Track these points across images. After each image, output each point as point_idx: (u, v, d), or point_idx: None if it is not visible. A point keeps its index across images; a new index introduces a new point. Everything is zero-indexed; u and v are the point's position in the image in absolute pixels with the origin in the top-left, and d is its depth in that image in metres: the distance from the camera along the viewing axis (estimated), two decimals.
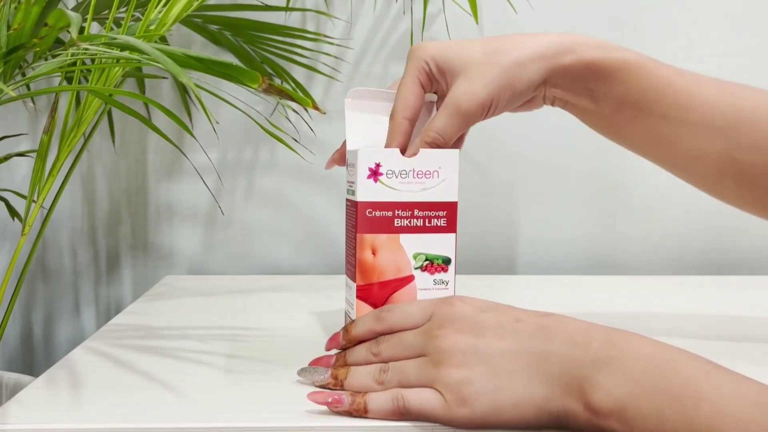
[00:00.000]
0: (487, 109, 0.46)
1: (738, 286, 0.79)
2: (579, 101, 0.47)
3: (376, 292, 0.46)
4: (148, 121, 0.55)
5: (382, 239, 0.46)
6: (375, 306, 0.46)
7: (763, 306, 0.68)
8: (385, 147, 0.47)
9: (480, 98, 0.45)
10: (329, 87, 0.86)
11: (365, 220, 0.45)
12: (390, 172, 0.46)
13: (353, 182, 0.47)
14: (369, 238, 0.45)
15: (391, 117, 0.47)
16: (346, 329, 0.45)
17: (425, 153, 0.46)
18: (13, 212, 0.71)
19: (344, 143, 0.50)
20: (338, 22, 0.85)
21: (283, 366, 0.47)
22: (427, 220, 0.46)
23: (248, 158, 0.87)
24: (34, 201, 0.55)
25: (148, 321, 0.60)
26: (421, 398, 0.37)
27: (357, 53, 0.86)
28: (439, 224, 0.46)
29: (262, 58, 0.79)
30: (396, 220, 0.46)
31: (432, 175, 0.46)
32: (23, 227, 0.55)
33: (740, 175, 0.45)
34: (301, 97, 0.43)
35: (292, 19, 0.85)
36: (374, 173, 0.45)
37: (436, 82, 0.48)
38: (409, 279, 0.46)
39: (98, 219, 0.88)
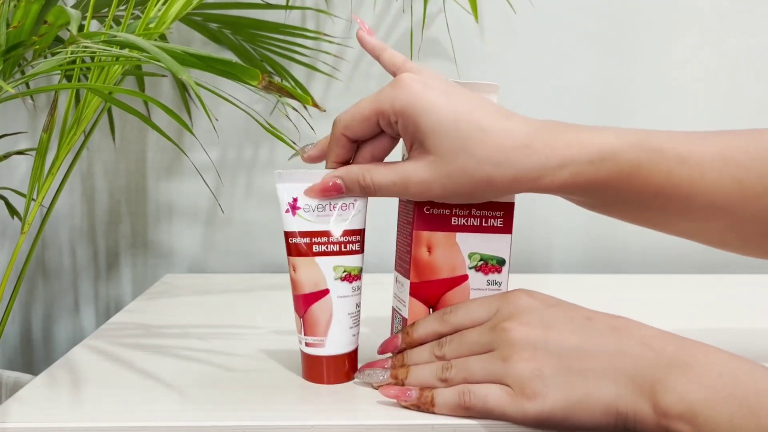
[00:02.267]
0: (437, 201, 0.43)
1: (738, 284, 0.79)
2: (566, 197, 0.44)
3: (429, 290, 0.45)
4: (147, 120, 0.55)
5: (438, 237, 0.45)
6: (427, 303, 0.45)
7: (762, 303, 0.68)
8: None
9: (433, 194, 0.41)
10: (329, 86, 0.86)
11: (422, 217, 0.45)
12: None
13: None
14: (425, 235, 0.45)
15: (332, 127, 0.43)
16: (406, 332, 0.44)
17: None
18: (12, 211, 0.71)
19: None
20: (338, 21, 0.85)
21: (283, 364, 0.47)
22: (483, 219, 0.45)
23: (248, 157, 0.87)
24: (33, 199, 0.55)
25: (147, 319, 0.60)
26: (489, 392, 0.37)
27: (357, 52, 0.86)
28: (495, 224, 0.45)
29: (262, 57, 0.79)
30: (453, 218, 0.45)
31: None
32: (23, 226, 0.55)
33: (745, 239, 0.43)
34: (300, 94, 0.43)
35: (292, 18, 0.85)
36: None
37: (395, 128, 0.42)
38: (463, 278, 0.45)
39: (98, 217, 0.88)
